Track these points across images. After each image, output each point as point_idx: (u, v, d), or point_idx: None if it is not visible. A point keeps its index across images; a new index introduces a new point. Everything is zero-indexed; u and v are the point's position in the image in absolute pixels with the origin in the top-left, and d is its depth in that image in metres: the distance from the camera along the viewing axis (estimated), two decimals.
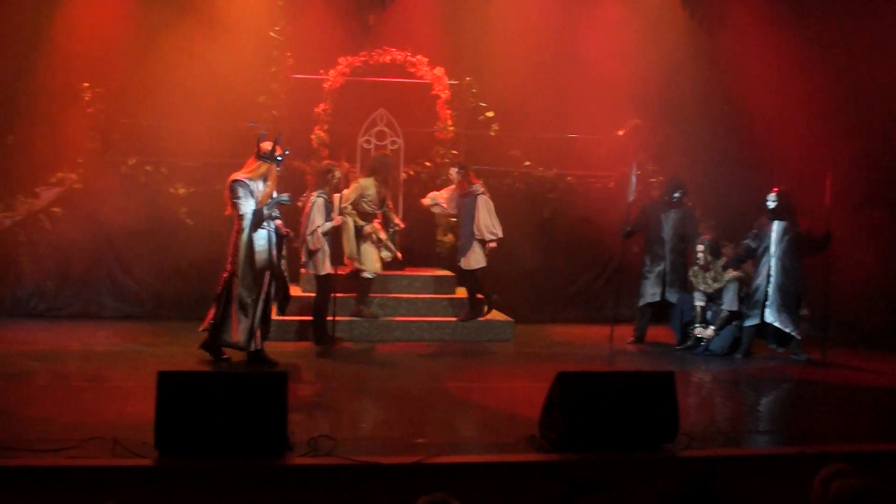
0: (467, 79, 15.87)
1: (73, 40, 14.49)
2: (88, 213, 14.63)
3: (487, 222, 13.89)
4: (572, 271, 16.00)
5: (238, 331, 11.23)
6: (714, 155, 15.94)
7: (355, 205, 13.47)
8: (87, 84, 14.72)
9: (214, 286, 11.58)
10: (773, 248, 13.12)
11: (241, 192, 11.22)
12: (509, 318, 14.24)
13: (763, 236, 13.23)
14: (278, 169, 11.54)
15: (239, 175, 11.34)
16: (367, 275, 13.55)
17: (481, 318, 14.04)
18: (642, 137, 16.08)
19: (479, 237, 13.88)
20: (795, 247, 13.12)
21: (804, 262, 13.27)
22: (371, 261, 13.56)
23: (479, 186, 14.08)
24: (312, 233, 12.71)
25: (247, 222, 11.21)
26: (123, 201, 14.51)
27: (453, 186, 14.25)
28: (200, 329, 11.57)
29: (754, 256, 13.37)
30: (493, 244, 13.93)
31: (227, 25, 14.64)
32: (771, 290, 13.08)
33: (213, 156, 14.75)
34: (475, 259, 13.92)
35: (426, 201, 14.45)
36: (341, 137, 15.28)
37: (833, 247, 13.12)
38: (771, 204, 13.18)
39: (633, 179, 14.17)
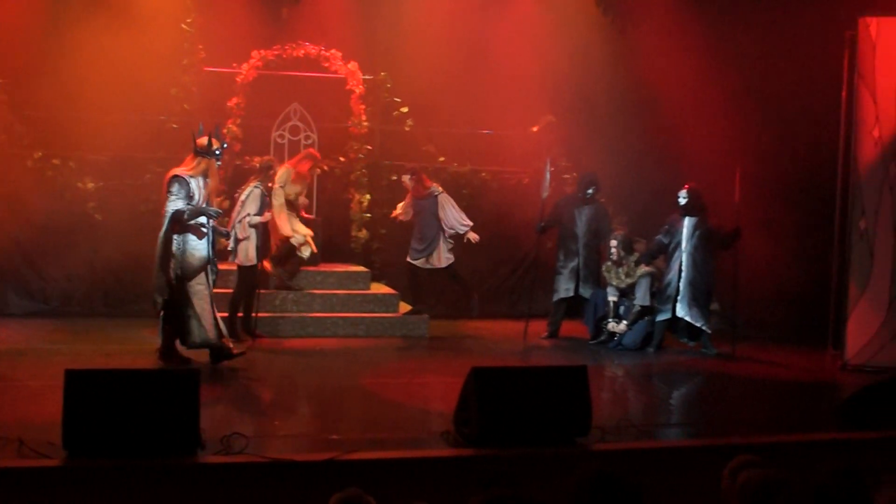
0: (382, 74, 15.87)
1: None
2: None
3: (456, 216, 14.08)
4: (486, 267, 16.06)
5: (204, 328, 10.95)
6: (627, 151, 16.06)
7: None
8: None
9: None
10: (684, 244, 13.28)
11: (174, 188, 10.83)
12: (424, 315, 14.26)
13: (674, 232, 13.39)
14: (218, 163, 11.28)
15: (179, 171, 10.98)
16: (300, 251, 13.65)
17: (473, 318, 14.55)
18: (556, 133, 16.17)
19: (451, 233, 14.04)
20: (706, 242, 13.29)
21: (715, 257, 13.46)
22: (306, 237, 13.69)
23: (437, 187, 14.22)
24: (241, 220, 12.64)
25: (165, 220, 10.82)
26: (29, 196, 14.29)
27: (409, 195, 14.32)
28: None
29: (666, 252, 13.52)
30: (473, 234, 14.15)
31: (137, 17, 14.41)
32: (682, 285, 13.24)
33: (123, 149, 14.54)
34: (445, 256, 14.09)
35: (398, 213, 14.54)
36: (254, 132, 15.21)
37: (742, 242, 13.31)
38: (682, 200, 13.34)
39: (547, 175, 14.24)
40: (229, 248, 12.78)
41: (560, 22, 16.04)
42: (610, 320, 13.70)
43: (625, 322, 13.60)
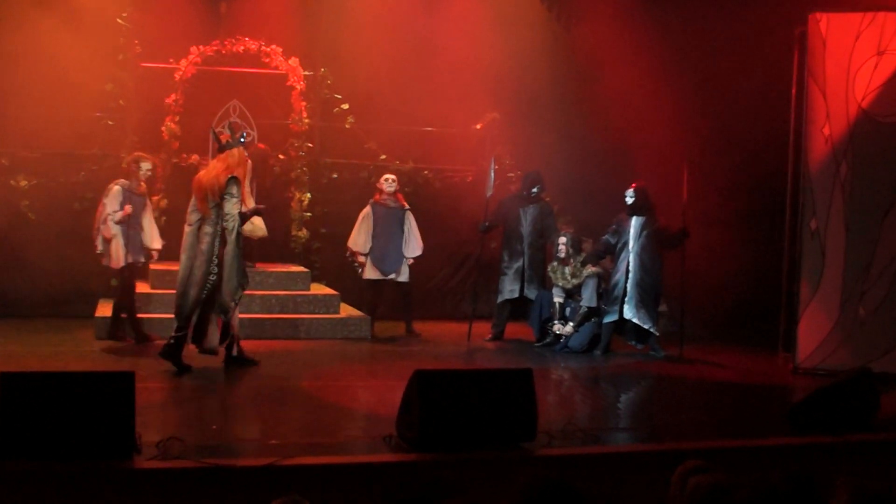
0: (322, 70, 15.84)
1: None
2: None
3: (419, 240, 14.20)
4: (429, 267, 16.00)
5: (216, 336, 11.22)
6: (573, 149, 16.09)
7: None
8: None
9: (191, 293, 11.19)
10: (631, 244, 13.30)
11: (234, 190, 10.98)
12: (365, 315, 14.21)
13: (622, 232, 13.41)
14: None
15: (236, 173, 11.08)
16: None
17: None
18: (500, 131, 16.20)
19: (413, 255, 14.15)
20: (654, 242, 13.32)
21: (663, 257, 13.49)
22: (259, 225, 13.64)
23: (405, 205, 14.31)
24: (104, 220, 12.55)
25: (236, 223, 10.99)
26: None
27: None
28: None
29: (613, 252, 13.55)
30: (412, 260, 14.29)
31: (71, 11, 14.30)
32: (630, 286, 13.26)
33: (57, 146, 14.45)
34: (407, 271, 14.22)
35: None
36: (193, 129, 15.09)
37: (690, 242, 13.35)
38: (629, 199, 13.36)
39: (492, 174, 14.24)
40: (99, 251, 12.69)
41: (504, 17, 16.09)
42: (556, 322, 13.69)
43: (571, 324, 13.59)
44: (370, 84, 15.47)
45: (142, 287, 13.68)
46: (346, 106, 15.88)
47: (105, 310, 13.11)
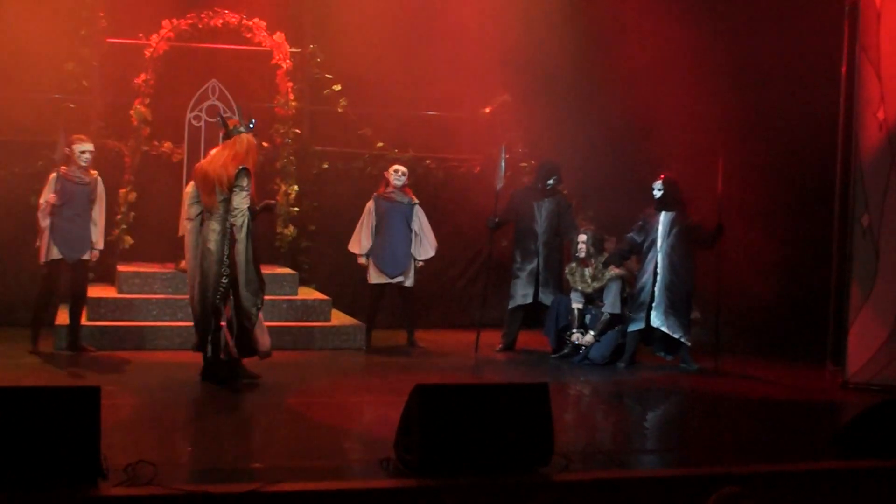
0: (311, 46, 15.83)
1: None
2: None
3: (433, 239, 14.24)
4: (432, 269, 15.96)
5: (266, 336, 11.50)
6: (594, 136, 16.08)
7: None
8: None
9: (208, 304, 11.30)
10: (660, 243, 13.28)
11: (245, 182, 11.10)
12: (360, 323, 14.21)
13: (649, 229, 13.39)
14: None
15: (245, 162, 11.18)
16: None
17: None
18: (512, 115, 16.19)
19: (425, 258, 14.25)
20: (685, 240, 13.29)
21: (695, 257, 13.45)
22: None
23: (413, 198, 14.31)
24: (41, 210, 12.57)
25: (245, 219, 11.11)
26: None
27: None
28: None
29: (639, 252, 13.54)
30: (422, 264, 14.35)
31: None
32: (658, 290, 13.24)
33: (11, 133, 14.48)
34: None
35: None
36: (166, 113, 15.08)
37: (726, 240, 13.32)
38: (657, 192, 13.35)
39: (502, 164, 14.22)
40: (37, 245, 12.68)
41: None
42: (574, 331, 13.69)
43: (591, 333, 13.58)
44: (365, 62, 15.46)
45: (107, 291, 13.68)
46: (338, 87, 15.89)
47: (65, 317, 13.09)
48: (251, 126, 11.37)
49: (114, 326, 13.24)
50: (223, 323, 11.26)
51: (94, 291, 13.63)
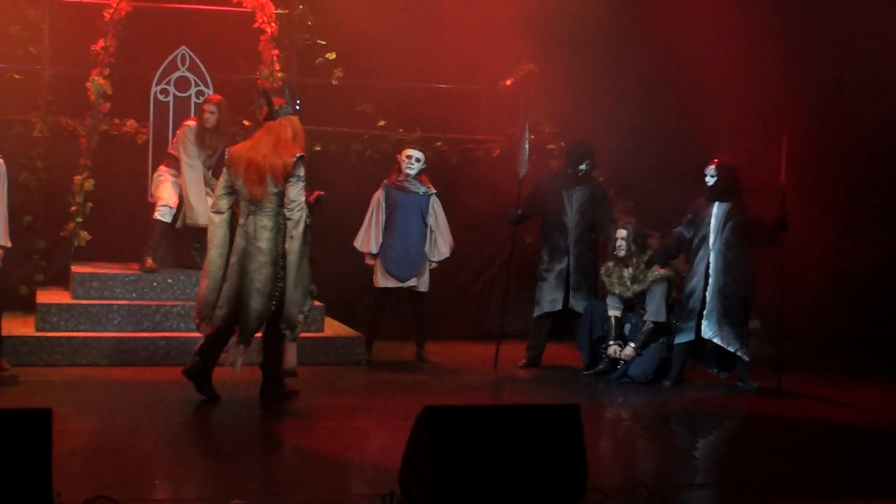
0: (301, 7, 15.85)
1: None
2: None
3: (448, 236, 14.32)
4: (443, 271, 16.01)
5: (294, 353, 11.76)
6: (633, 114, 16.10)
7: None
8: None
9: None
10: (712, 239, 13.28)
11: (301, 171, 11.33)
12: (358, 334, 14.24)
13: (700, 223, 13.39)
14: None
15: (301, 150, 11.39)
16: (158, 215, 13.79)
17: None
18: (537, 89, 16.21)
19: (439, 258, 14.32)
20: (742, 237, 13.29)
21: (754, 256, 13.46)
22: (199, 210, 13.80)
23: (430, 187, 14.32)
24: None
25: (304, 213, 11.35)
26: None
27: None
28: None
29: (688, 250, 13.54)
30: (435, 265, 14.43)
31: None
32: (710, 295, 13.25)
33: None
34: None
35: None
36: (129, 86, 15.13)
37: (791, 236, 13.31)
38: (709, 180, 13.35)
39: (526, 146, 14.21)
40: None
41: None
42: (611, 343, 13.71)
43: (632, 345, 13.61)
44: (365, 27, 15.49)
45: (59, 296, 13.74)
46: (332, 56, 15.92)
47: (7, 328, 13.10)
48: (297, 108, 11.47)
49: (66, 338, 13.24)
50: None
51: (44, 296, 13.70)
